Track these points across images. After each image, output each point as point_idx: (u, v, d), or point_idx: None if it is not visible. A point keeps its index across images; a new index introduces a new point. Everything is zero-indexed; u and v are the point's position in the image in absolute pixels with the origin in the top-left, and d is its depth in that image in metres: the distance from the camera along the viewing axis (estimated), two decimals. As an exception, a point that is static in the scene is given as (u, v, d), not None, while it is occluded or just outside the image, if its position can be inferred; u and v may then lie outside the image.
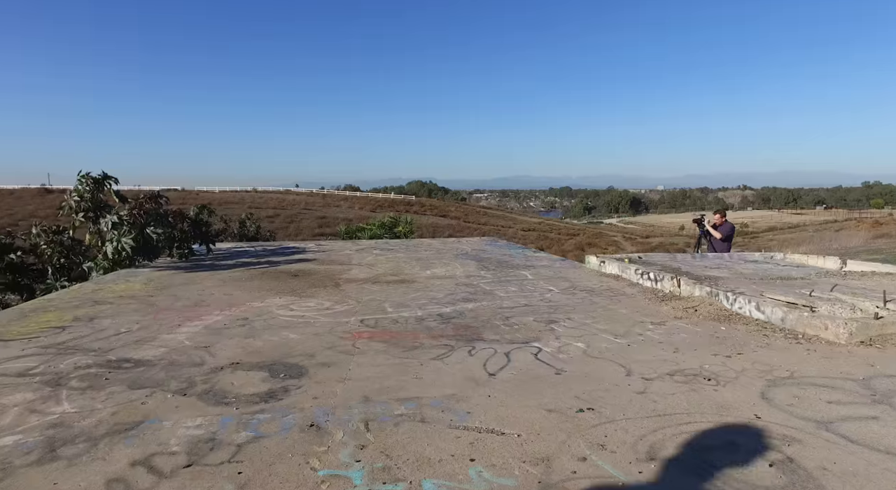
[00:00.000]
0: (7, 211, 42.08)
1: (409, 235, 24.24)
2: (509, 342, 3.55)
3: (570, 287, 5.55)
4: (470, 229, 51.88)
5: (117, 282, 6.04)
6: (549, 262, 7.53)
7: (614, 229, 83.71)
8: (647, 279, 5.46)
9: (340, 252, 8.79)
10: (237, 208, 50.81)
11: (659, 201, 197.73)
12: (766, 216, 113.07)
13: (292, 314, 4.41)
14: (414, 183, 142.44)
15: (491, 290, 5.42)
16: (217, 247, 9.59)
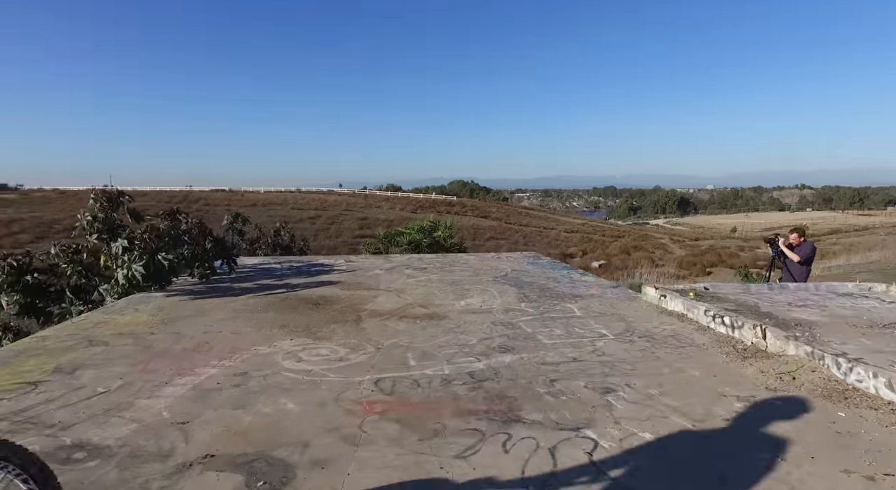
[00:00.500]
0: (70, 212, 43.91)
1: (448, 240, 23.64)
2: (555, 426, 2.79)
3: (625, 330, 4.71)
4: (511, 231, 50.86)
5: (125, 311, 5.61)
6: (599, 291, 6.65)
7: (661, 231, 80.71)
8: (721, 324, 4.55)
9: (369, 272, 8.17)
10: (280, 209, 51.64)
11: (708, 201, 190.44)
12: (829, 217, 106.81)
13: (299, 368, 3.78)
14: (455, 182, 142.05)
15: (533, 334, 4.64)
16: (243, 263, 9.17)
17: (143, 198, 52.70)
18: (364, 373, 3.67)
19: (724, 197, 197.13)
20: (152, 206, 42.19)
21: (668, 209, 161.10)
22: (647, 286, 6.04)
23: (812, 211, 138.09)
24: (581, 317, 5.25)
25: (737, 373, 3.58)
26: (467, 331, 4.76)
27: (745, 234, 77.25)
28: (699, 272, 31.17)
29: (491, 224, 54.02)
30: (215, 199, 55.70)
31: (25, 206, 46.47)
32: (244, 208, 50.89)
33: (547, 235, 51.78)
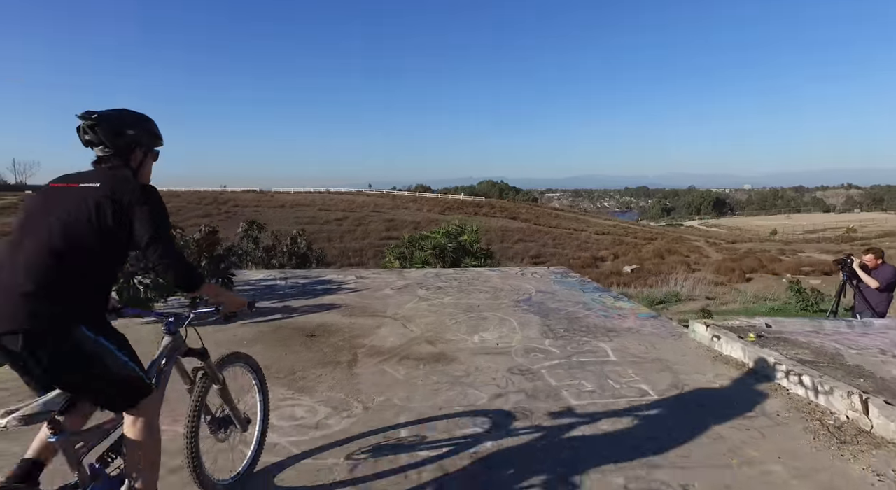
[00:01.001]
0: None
1: (474, 244, 22.76)
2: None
3: (673, 387, 3.80)
4: (541, 233, 49.64)
5: (97, 343, 5.02)
6: (637, 323, 5.72)
7: (696, 233, 78.00)
8: (799, 384, 3.60)
9: (378, 292, 7.42)
10: (308, 210, 51.65)
11: (746, 202, 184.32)
12: (879, 219, 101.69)
13: (262, 440, 3.04)
14: (485, 183, 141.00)
15: (557, 389, 3.78)
16: (246, 278, 8.55)
17: (176, 199, 53.47)
18: (340, 453, 2.89)
19: (762, 197, 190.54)
20: (184, 208, 42.89)
21: (704, 210, 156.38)
22: (695, 322, 5.07)
23: (860, 212, 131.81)
24: (616, 363, 4.36)
25: (839, 470, 2.66)
26: (478, 382, 3.94)
27: (787, 237, 74.02)
28: (738, 278, 29.48)
29: (520, 226, 52.90)
30: (245, 200, 56.12)
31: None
32: (272, 209, 51.15)
33: (577, 237, 50.36)
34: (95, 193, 1.86)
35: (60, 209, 1.84)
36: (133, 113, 2.07)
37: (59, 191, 1.91)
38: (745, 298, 14.62)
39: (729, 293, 19.50)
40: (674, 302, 15.84)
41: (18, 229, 1.86)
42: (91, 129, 1.96)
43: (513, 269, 9.88)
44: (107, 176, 1.93)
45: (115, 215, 1.85)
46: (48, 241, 1.79)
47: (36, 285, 1.73)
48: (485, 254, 22.98)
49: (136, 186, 1.91)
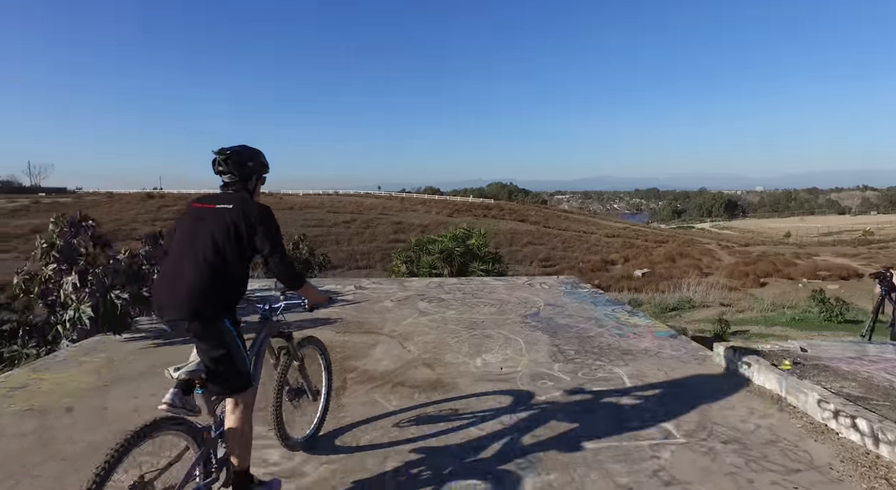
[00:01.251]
0: (116, 216, 44.84)
1: (482, 248, 22.27)
2: None
3: (700, 427, 3.31)
4: (550, 236, 49.03)
5: (67, 364, 4.60)
6: (654, 343, 5.22)
7: (707, 235, 76.94)
8: (853, 428, 3.08)
9: (377, 305, 6.98)
10: (316, 212, 51.42)
11: (758, 204, 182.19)
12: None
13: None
14: (494, 184, 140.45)
15: (567, 427, 3.32)
16: None
17: (182, 201, 53.45)
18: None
19: (775, 199, 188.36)
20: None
21: (715, 212, 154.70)
22: (721, 345, 4.56)
23: (877, 214, 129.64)
24: (634, 393, 3.88)
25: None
26: (477, 418, 3.49)
27: (801, 240, 72.77)
28: (752, 283, 28.77)
29: (529, 228, 52.33)
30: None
31: (77, 209, 47.85)
32: (280, 211, 50.93)
33: (587, 240, 49.69)
34: (231, 214, 2.39)
35: (207, 227, 2.36)
36: (251, 149, 2.63)
37: (203, 211, 2.44)
38: (762, 306, 14.02)
39: (744, 299, 18.85)
40: (687, 308, 15.27)
41: (181, 242, 2.41)
42: (224, 162, 2.51)
43: (520, 278, 9.39)
44: (235, 199, 2.47)
45: (246, 231, 2.38)
46: (203, 252, 2.32)
47: (197, 288, 2.27)
48: (493, 258, 22.52)
49: (259, 208, 2.46)
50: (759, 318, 12.32)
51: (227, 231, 2.34)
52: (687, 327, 10.63)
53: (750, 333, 10.14)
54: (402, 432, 3.29)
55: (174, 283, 2.32)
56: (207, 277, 2.29)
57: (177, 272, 2.33)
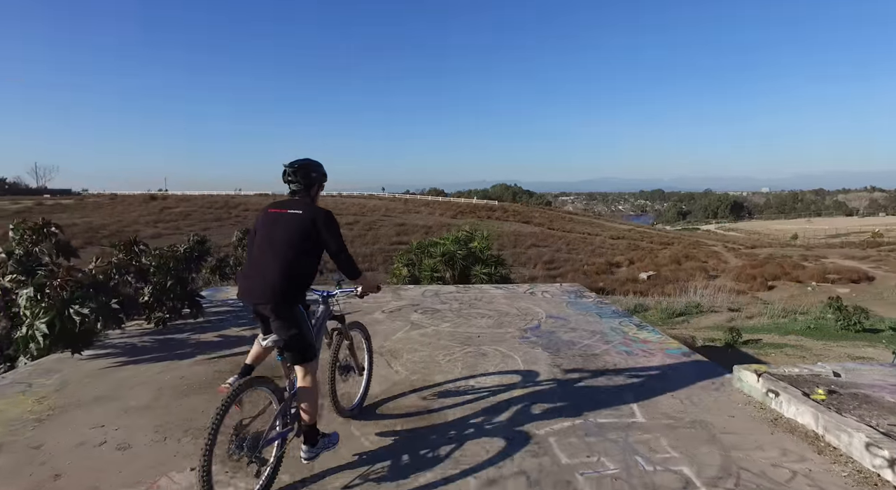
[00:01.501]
0: (117, 217, 44.59)
1: (485, 251, 21.78)
2: None
3: (723, 473, 2.81)
4: (554, 237, 48.48)
5: (13, 388, 4.15)
6: (667, 366, 4.70)
7: (713, 237, 76.24)
8: (903, 476, 2.62)
9: (368, 316, 6.49)
10: (318, 214, 51.05)
11: (764, 206, 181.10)
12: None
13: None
14: (498, 186, 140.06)
15: (568, 470, 2.83)
16: (224, 298, 7.75)
17: (185, 203, 53.28)
18: None
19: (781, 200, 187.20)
20: (195, 212, 42.49)
21: (721, 214, 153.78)
22: (742, 369, 4.04)
23: (885, 216, 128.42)
24: (645, 426, 3.40)
25: None
26: (466, 456, 3.02)
27: (808, 241, 71.96)
28: (760, 286, 28.20)
29: (533, 230, 51.81)
30: (256, 204, 55.72)
31: (80, 211, 47.63)
32: (282, 213, 50.65)
33: (591, 242, 49.13)
34: (301, 218, 2.91)
35: (283, 228, 2.89)
36: (314, 161, 3.12)
37: (278, 215, 2.96)
38: (773, 311, 13.46)
39: (753, 304, 18.29)
40: (694, 313, 14.74)
41: (262, 241, 2.92)
42: (294, 174, 3.02)
43: (522, 286, 8.90)
44: (303, 205, 2.97)
45: (313, 232, 2.89)
46: (280, 250, 2.83)
47: (277, 279, 2.78)
48: (495, 261, 22.03)
49: (324, 213, 2.95)
50: (771, 325, 11.78)
51: (300, 232, 2.87)
52: (696, 336, 10.14)
53: (763, 343, 9.65)
54: (379, 483, 2.81)
55: (258, 274, 2.84)
56: (285, 271, 2.80)
57: (260, 266, 2.85)
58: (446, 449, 3.15)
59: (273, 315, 2.80)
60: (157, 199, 55.13)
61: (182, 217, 43.67)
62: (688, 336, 10.10)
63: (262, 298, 2.80)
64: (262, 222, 2.99)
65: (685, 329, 11.60)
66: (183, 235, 38.10)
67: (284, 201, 3.06)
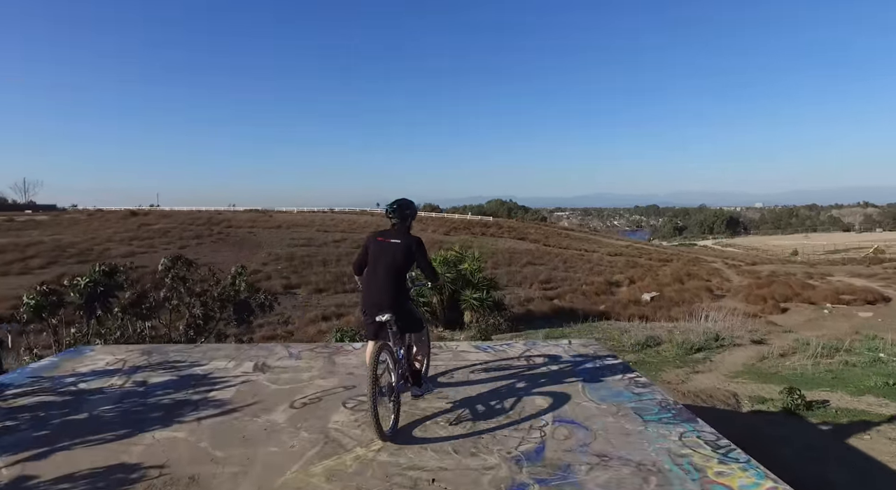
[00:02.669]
0: (90, 235, 42.52)
1: (475, 274, 19.91)
2: None
3: None
4: (550, 255, 46.65)
5: None
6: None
7: (711, 253, 74.68)
8: None
9: (259, 418, 4.18)
10: (305, 231, 49.05)
11: (760, 221, 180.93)
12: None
13: None
14: (493, 201, 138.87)
15: None
16: (72, 370, 5.25)
17: (166, 220, 51.31)
18: None
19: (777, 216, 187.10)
20: (173, 229, 40.13)
21: (717, 229, 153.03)
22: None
23: (882, 231, 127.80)
24: None
25: None
26: None
27: (808, 258, 70.55)
28: (772, 309, 26.31)
29: (528, 247, 50.02)
30: (240, 220, 53.79)
31: (52, 228, 45.59)
32: (268, 230, 48.64)
33: (589, 259, 47.31)
34: (401, 246, 4.14)
35: (390, 253, 4.11)
36: (408, 201, 4.41)
37: (384, 243, 4.17)
38: (810, 348, 11.54)
39: (775, 333, 16.46)
40: (714, 348, 12.91)
41: (374, 264, 4.16)
42: (394, 212, 4.27)
43: (514, 346, 6.10)
44: (401, 235, 4.22)
45: (410, 256, 4.15)
46: (391, 268, 4.10)
47: (392, 290, 4.07)
48: (488, 285, 20.13)
49: (416, 241, 4.23)
50: (823, 373, 9.57)
51: (402, 255, 4.10)
52: (736, 391, 8.12)
53: (836, 409, 7.01)
54: None
55: (378, 289, 4.07)
56: (396, 284, 4.09)
57: (378, 283, 4.08)
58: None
59: (395, 316, 4.00)
60: (138, 215, 53.21)
61: (160, 234, 41.59)
62: (726, 392, 8.08)
63: (388, 310, 3.97)
64: (374, 249, 4.18)
65: (710, 372, 9.71)
66: (158, 254, 36.19)
67: (388, 231, 4.26)
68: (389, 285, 4.01)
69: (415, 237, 4.20)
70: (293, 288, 28.27)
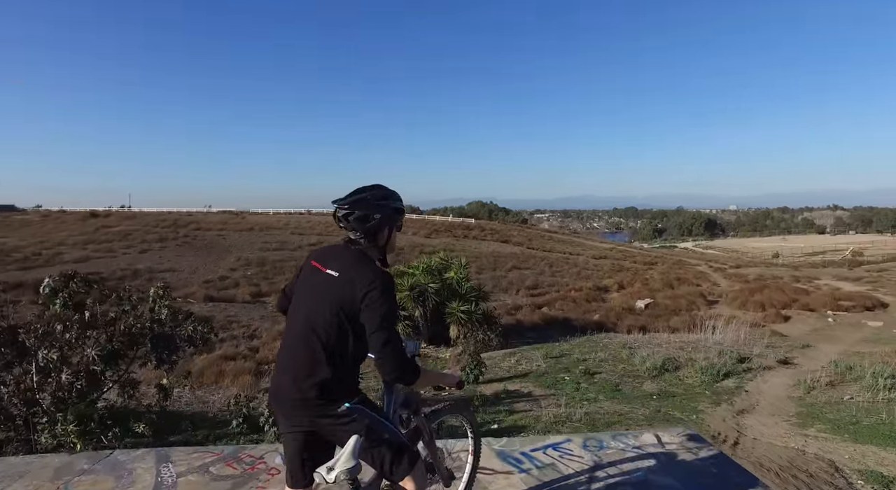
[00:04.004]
0: (40, 238, 39.16)
1: (462, 283, 17.96)
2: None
3: None
4: (535, 258, 44.98)
5: None
6: None
7: (694, 256, 74.19)
8: None
9: None
10: (279, 234, 46.33)
11: (737, 223, 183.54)
12: (878, 241, 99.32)
13: None
14: (474, 203, 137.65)
15: None
16: None
17: (129, 221, 48.02)
18: None
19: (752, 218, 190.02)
20: (136, 231, 37.00)
21: (695, 231, 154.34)
22: None
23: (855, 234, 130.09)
24: None
25: None
26: None
27: (791, 261, 70.42)
28: (774, 317, 24.82)
29: (513, 250, 48.28)
30: (210, 222, 50.64)
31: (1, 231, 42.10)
32: (239, 233, 45.72)
33: (575, 263, 45.79)
34: (338, 283, 2.18)
35: (317, 295, 2.25)
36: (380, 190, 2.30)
37: (317, 273, 2.29)
38: (854, 371, 9.82)
39: (797, 350, 14.76)
40: (743, 373, 11.14)
41: (294, 307, 2.28)
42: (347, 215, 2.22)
43: (568, 451, 3.69)
44: (350, 261, 2.24)
45: (352, 310, 2.15)
46: (311, 327, 2.22)
47: (316, 371, 2.12)
48: (476, 295, 18.13)
49: (373, 280, 2.17)
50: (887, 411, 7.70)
51: (333, 307, 2.12)
52: (830, 456, 6.02)
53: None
54: None
55: (287, 366, 2.25)
56: (320, 358, 2.20)
57: (291, 352, 2.25)
58: None
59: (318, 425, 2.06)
60: (98, 217, 49.74)
61: (120, 237, 38.48)
62: (813, 458, 6.02)
63: (307, 421, 2.08)
64: (300, 284, 2.26)
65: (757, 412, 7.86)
66: (117, 259, 33.25)
67: (331, 250, 2.28)
68: (307, 360, 2.05)
69: (376, 271, 2.12)
70: (263, 296, 25.71)
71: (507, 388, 9.63)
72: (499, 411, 7.64)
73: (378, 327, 2.01)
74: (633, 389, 9.86)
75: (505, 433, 6.44)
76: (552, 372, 11.07)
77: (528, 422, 6.80)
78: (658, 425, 5.46)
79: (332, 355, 2.05)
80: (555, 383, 10.04)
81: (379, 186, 2.26)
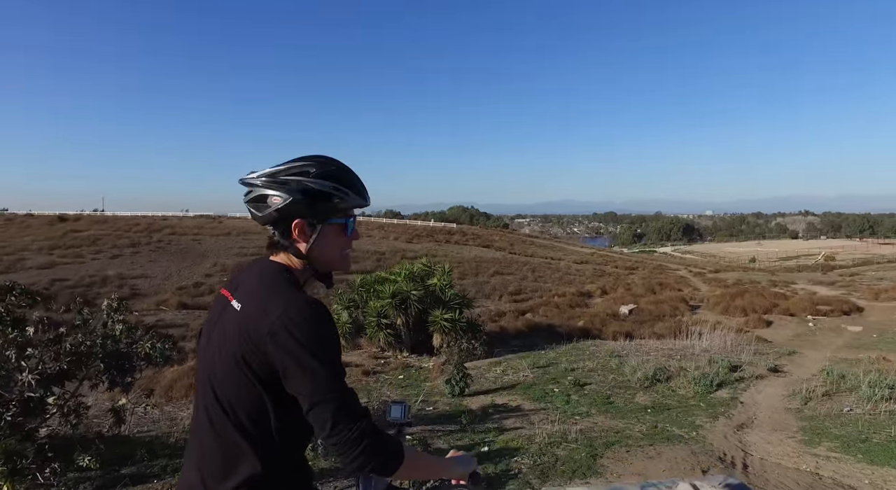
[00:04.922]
0: (1, 243, 37.41)
1: (447, 291, 17.41)
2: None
3: None
4: (517, 263, 44.71)
5: None
6: None
7: (673, 261, 74.94)
8: None
9: None
10: (257, 239, 45.13)
11: (714, 228, 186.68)
12: (848, 246, 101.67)
13: None
14: (455, 208, 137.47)
15: None
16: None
17: (99, 225, 46.45)
18: None
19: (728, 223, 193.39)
20: (106, 236, 35.42)
21: (674, 236, 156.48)
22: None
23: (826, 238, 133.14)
24: None
25: None
26: None
27: (766, 265, 71.52)
28: (756, 323, 24.82)
29: (495, 255, 47.97)
30: (185, 227, 49.24)
31: None
32: (216, 238, 44.53)
33: (556, 268, 45.64)
34: (232, 327, 1.49)
35: (213, 344, 1.58)
36: (307, 163, 1.57)
37: (223, 307, 1.55)
38: (865, 389, 9.53)
39: (784, 357, 14.62)
40: (734, 383, 10.87)
41: (198, 361, 1.63)
42: (253, 199, 1.54)
43: None
44: (257, 286, 1.55)
45: (261, 365, 1.45)
46: (214, 390, 1.49)
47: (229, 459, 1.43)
48: (460, 302, 17.60)
49: (285, 321, 1.46)
50: None
51: (229, 360, 1.38)
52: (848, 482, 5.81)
53: None
54: None
55: (195, 451, 1.55)
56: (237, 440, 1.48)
57: (194, 427, 1.56)
58: None
59: None
60: (67, 221, 48.01)
61: (89, 242, 37.04)
62: (841, 486, 5.80)
63: None
64: (206, 325, 1.47)
65: (757, 427, 7.57)
66: (86, 265, 31.90)
67: (251, 266, 1.49)
68: (219, 450, 1.30)
69: (290, 299, 1.31)
70: (238, 303, 24.89)
71: (494, 402, 9.12)
72: (488, 429, 7.11)
73: (312, 400, 1.25)
74: (626, 402, 9.43)
75: (496, 456, 5.92)
76: (540, 383, 10.58)
77: (521, 443, 6.28)
78: (693, 475, 4.92)
79: (253, 439, 1.31)
80: (544, 396, 9.55)
81: (312, 157, 1.46)
